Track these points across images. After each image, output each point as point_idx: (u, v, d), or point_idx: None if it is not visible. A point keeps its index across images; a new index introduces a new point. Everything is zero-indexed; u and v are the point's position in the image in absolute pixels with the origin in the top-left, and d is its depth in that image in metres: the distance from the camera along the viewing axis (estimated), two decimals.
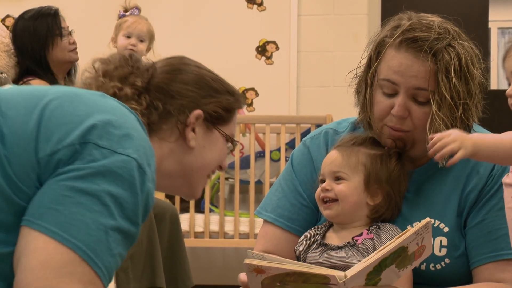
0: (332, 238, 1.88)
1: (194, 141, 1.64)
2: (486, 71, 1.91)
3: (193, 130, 1.64)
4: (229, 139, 1.70)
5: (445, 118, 1.82)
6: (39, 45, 3.69)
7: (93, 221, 1.34)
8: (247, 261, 1.63)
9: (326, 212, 1.89)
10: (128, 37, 3.71)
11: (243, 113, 5.11)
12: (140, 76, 1.62)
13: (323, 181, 1.91)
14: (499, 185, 1.88)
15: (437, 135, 1.69)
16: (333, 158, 1.90)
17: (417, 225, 1.64)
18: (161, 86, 1.63)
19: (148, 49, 3.80)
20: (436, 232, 1.88)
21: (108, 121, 1.38)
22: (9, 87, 1.48)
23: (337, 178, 1.89)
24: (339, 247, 1.84)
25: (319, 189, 1.91)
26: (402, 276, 1.72)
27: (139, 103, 1.60)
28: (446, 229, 1.89)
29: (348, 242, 1.83)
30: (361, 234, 1.85)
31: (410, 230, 1.63)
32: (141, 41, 3.73)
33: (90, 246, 1.34)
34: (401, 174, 1.91)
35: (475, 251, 1.88)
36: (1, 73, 3.26)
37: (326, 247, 1.85)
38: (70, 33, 3.75)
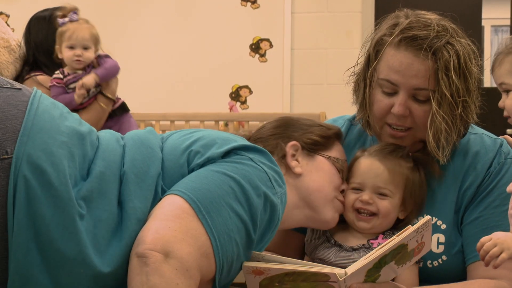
0: (346, 238, 1.87)
1: (299, 168, 1.86)
2: (480, 69, 1.91)
3: (296, 159, 1.87)
4: (333, 161, 1.88)
5: (446, 116, 1.82)
6: (53, 38, 3.67)
7: (225, 203, 1.55)
8: (246, 263, 1.63)
9: (360, 224, 1.86)
10: (72, 47, 3.68)
11: (237, 110, 5.11)
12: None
13: (358, 189, 1.88)
14: (496, 182, 1.89)
15: (479, 242, 1.65)
16: (378, 172, 1.86)
17: (418, 222, 1.64)
18: (257, 136, 1.92)
19: (97, 51, 3.77)
20: (434, 229, 1.87)
21: (250, 146, 1.69)
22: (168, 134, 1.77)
23: (381, 193, 1.86)
24: (354, 249, 1.83)
25: (353, 197, 1.87)
26: (400, 273, 1.73)
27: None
28: (443, 226, 1.90)
29: (363, 245, 1.83)
30: (376, 238, 1.85)
31: (411, 228, 1.63)
32: (86, 48, 3.70)
33: (215, 222, 1.52)
34: (424, 183, 1.90)
35: (471, 247, 1.87)
36: None
37: (341, 248, 1.85)
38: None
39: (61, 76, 3.60)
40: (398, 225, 1.89)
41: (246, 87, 5.24)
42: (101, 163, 1.55)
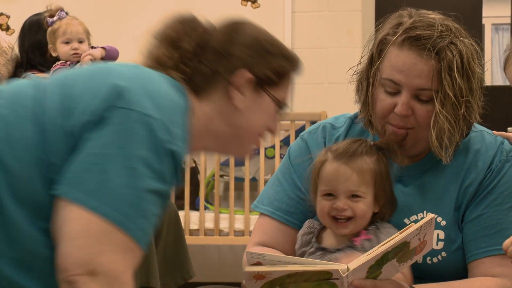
0: (329, 240, 1.87)
1: (241, 102, 1.63)
2: (482, 68, 1.90)
3: (241, 91, 1.62)
4: (279, 103, 1.67)
5: (449, 116, 1.82)
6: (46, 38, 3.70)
7: (122, 186, 1.39)
8: (247, 269, 1.61)
9: (339, 230, 1.85)
10: (67, 42, 3.72)
11: None
12: (194, 39, 1.64)
13: (329, 195, 1.86)
14: (498, 180, 1.89)
15: (505, 244, 1.67)
16: (347, 176, 1.84)
17: (421, 220, 1.64)
18: (215, 47, 1.62)
19: (89, 44, 3.82)
20: (434, 225, 1.86)
21: (127, 87, 1.43)
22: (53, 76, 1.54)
23: (354, 196, 1.84)
24: (338, 250, 1.83)
25: (327, 205, 1.85)
26: (401, 270, 1.73)
27: (182, 70, 1.61)
28: (443, 223, 1.90)
29: (347, 244, 1.82)
30: (358, 235, 1.84)
31: (414, 225, 1.62)
32: (81, 42, 3.74)
33: (122, 212, 1.39)
34: (388, 170, 1.90)
35: (472, 245, 1.88)
36: None
37: (325, 250, 1.84)
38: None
39: (65, 62, 3.68)
40: (383, 218, 1.88)
41: None
42: None
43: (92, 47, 3.72)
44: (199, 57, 1.62)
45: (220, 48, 1.62)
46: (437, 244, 1.87)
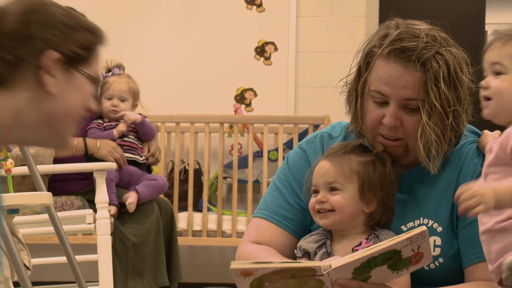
0: (336, 250, 1.88)
1: (54, 86, 1.47)
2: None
3: (52, 74, 1.47)
4: (92, 79, 1.54)
5: (435, 127, 1.83)
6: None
7: None
8: (233, 265, 1.65)
9: (322, 221, 1.89)
10: (110, 99, 3.76)
11: (241, 112, 5.11)
12: None
13: (316, 191, 1.91)
14: None
15: (459, 189, 1.62)
16: (325, 169, 1.90)
17: (412, 231, 1.65)
18: (11, 32, 1.45)
19: (135, 106, 3.89)
20: (430, 232, 1.87)
21: None
22: None
23: (332, 189, 1.88)
24: None
25: (313, 200, 1.90)
26: (398, 278, 1.73)
27: None
28: (439, 229, 1.90)
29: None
30: (360, 244, 1.85)
31: (403, 235, 1.64)
32: (123, 100, 3.79)
33: None
34: (393, 178, 1.91)
35: (467, 250, 1.88)
36: None
37: (329, 256, 1.85)
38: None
39: (101, 122, 3.76)
40: (378, 223, 1.90)
41: (251, 89, 5.23)
42: None
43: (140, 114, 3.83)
44: None
45: (16, 32, 1.45)
46: (434, 250, 1.87)
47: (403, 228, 1.91)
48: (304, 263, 1.65)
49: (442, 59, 1.82)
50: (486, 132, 1.95)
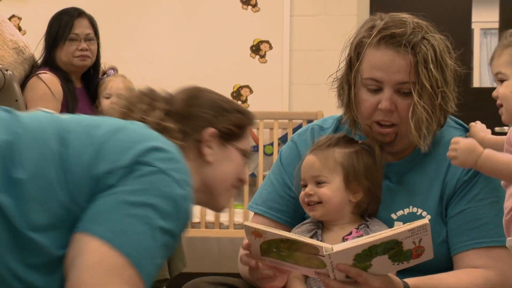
0: (327, 240, 1.89)
1: (211, 156, 1.74)
2: (469, 69, 1.92)
3: (210, 146, 1.73)
4: (243, 152, 1.79)
5: (426, 106, 1.85)
6: (49, 43, 3.70)
7: (143, 231, 1.43)
8: (246, 223, 1.67)
9: (311, 213, 1.91)
10: (108, 97, 3.76)
11: None
12: (160, 107, 1.74)
13: (305, 185, 1.93)
14: (479, 176, 1.90)
15: (453, 139, 1.77)
16: (311, 163, 1.91)
17: (414, 222, 1.64)
18: (179, 112, 1.74)
19: None
20: (419, 220, 1.88)
21: (155, 147, 1.49)
22: (68, 116, 1.56)
23: (318, 182, 1.90)
24: None
25: (302, 193, 1.92)
26: (398, 269, 1.73)
27: (167, 131, 1.69)
28: (428, 217, 1.90)
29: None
30: (350, 233, 1.87)
31: (406, 226, 1.63)
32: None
33: (139, 253, 1.42)
34: (377, 166, 1.92)
35: (456, 238, 1.89)
36: (6, 70, 3.25)
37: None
38: (86, 39, 3.71)
39: None
40: (366, 211, 1.91)
41: (247, 86, 5.23)
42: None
43: None
44: (167, 122, 1.72)
45: (183, 112, 1.74)
46: None
47: (393, 216, 1.92)
48: (309, 240, 1.66)
49: (429, 43, 1.84)
50: (472, 124, 1.98)
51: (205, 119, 1.74)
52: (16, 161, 1.41)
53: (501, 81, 1.80)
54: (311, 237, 1.89)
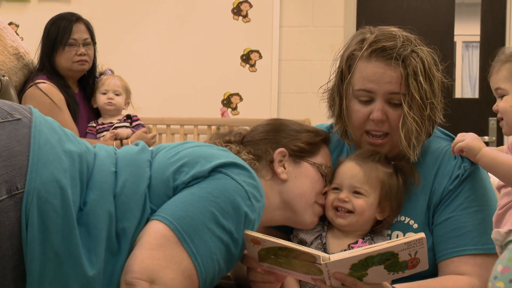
0: (332, 244, 1.88)
1: (285, 174, 1.84)
2: (452, 80, 1.93)
3: (282, 165, 1.84)
4: (319, 167, 1.86)
5: (416, 117, 1.85)
6: (48, 48, 3.67)
7: (203, 225, 1.54)
8: (246, 231, 1.66)
9: (338, 220, 1.88)
10: (104, 93, 3.74)
11: (228, 116, 5.11)
12: (236, 139, 1.90)
13: (336, 189, 1.89)
14: (464, 186, 1.91)
15: (458, 135, 1.81)
16: (354, 172, 1.88)
17: (410, 236, 1.63)
18: (249, 139, 1.88)
19: (127, 104, 3.81)
20: (406, 228, 1.90)
21: (233, 163, 1.64)
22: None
23: (356, 192, 1.87)
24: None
25: (332, 197, 1.89)
26: (393, 278, 1.72)
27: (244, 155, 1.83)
28: (415, 226, 1.91)
29: (344, 250, 1.83)
30: (356, 242, 1.86)
31: (402, 239, 1.63)
32: (117, 94, 3.76)
33: (197, 246, 1.52)
34: (404, 188, 1.91)
35: (442, 245, 1.89)
36: (3, 76, 3.25)
37: (325, 252, 1.84)
38: (84, 44, 3.67)
39: (94, 125, 3.69)
40: (375, 227, 1.90)
41: (237, 94, 5.24)
42: (95, 192, 1.57)
43: (129, 116, 3.74)
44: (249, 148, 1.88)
45: (252, 139, 1.89)
46: None
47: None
48: (307, 249, 1.64)
49: (418, 56, 1.85)
50: (460, 135, 2.03)
51: (273, 141, 1.87)
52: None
53: (501, 96, 1.80)
54: (315, 238, 1.88)
